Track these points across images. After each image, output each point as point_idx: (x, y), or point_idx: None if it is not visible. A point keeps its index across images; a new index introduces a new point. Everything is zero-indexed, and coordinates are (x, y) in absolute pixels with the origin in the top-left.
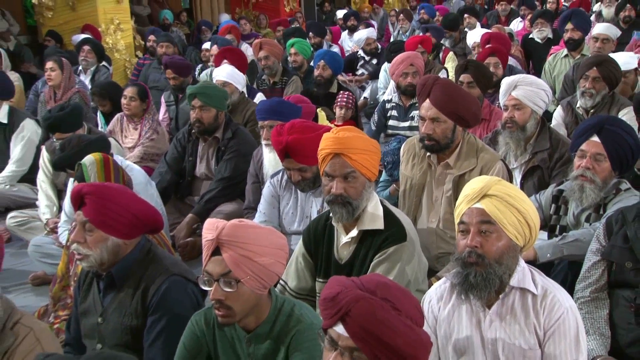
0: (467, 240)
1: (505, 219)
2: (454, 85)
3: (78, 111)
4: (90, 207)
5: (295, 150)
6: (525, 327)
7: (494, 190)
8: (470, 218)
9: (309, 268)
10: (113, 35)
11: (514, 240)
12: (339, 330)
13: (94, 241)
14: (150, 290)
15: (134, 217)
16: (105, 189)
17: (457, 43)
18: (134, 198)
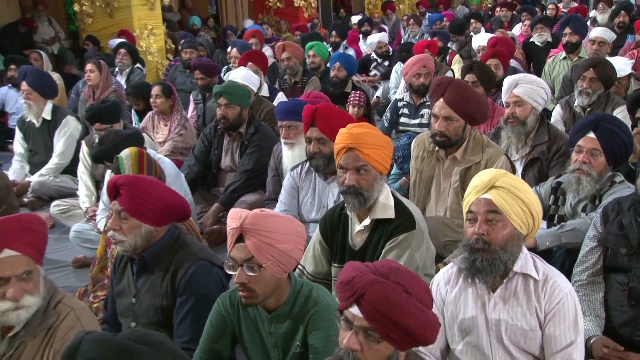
0: (474, 228)
1: (510, 209)
2: (467, 87)
3: (117, 106)
4: (124, 197)
5: (322, 116)
6: (527, 310)
7: (501, 182)
8: (478, 207)
9: (325, 254)
10: (146, 40)
11: (518, 229)
12: (354, 312)
13: (128, 228)
14: (178, 273)
15: (165, 206)
16: (139, 180)
17: (463, 46)
18: (164, 189)
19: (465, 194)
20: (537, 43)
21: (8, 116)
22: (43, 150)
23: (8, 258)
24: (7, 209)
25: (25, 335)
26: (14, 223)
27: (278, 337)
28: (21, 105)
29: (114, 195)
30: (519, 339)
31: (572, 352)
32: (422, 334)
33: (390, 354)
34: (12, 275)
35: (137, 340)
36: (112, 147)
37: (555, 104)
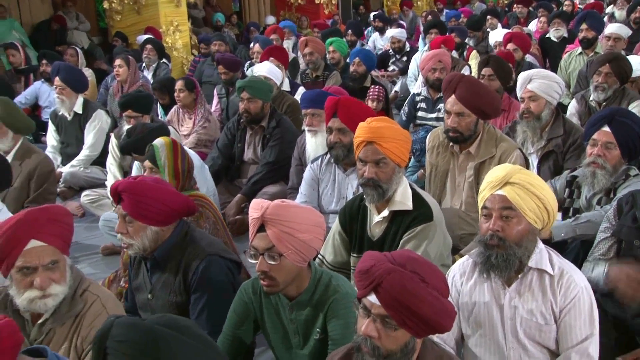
0: (489, 224)
1: (525, 205)
2: (477, 83)
3: (149, 98)
4: (127, 202)
5: (344, 108)
6: (542, 305)
7: (516, 179)
8: (493, 204)
9: (344, 244)
10: (172, 36)
11: (533, 224)
12: (372, 299)
13: (134, 231)
14: (190, 269)
15: (166, 206)
16: (138, 185)
17: (480, 42)
18: (165, 190)
19: (480, 189)
20: (553, 38)
21: (41, 109)
22: (74, 142)
23: (35, 248)
24: (43, 194)
25: (54, 322)
26: (40, 214)
27: (299, 324)
28: (53, 99)
29: (117, 201)
30: (534, 333)
31: (588, 346)
32: (438, 322)
33: (407, 340)
34: (39, 264)
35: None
36: (140, 139)
37: (571, 99)
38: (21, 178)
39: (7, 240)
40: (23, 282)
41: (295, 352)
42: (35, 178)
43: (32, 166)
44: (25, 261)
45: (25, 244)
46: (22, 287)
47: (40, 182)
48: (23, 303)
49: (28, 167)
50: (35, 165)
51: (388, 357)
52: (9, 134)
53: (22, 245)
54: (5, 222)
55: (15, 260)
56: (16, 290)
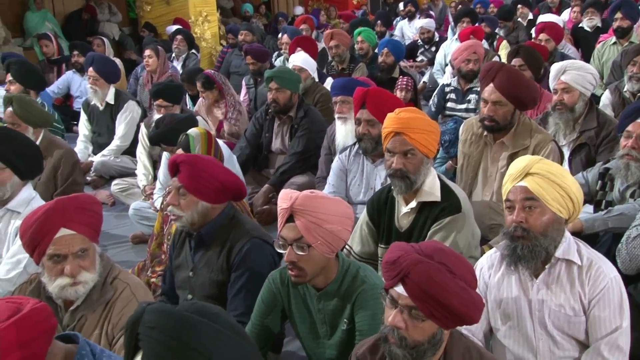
0: (513, 216)
1: (547, 195)
2: (517, 72)
3: (181, 88)
4: (184, 174)
5: (373, 99)
6: (570, 296)
7: (536, 169)
8: (515, 196)
9: (372, 235)
10: (201, 26)
11: (558, 213)
12: (399, 290)
13: (186, 204)
14: (234, 249)
15: (221, 184)
16: (198, 159)
17: (511, 32)
18: (222, 168)
19: (502, 182)
20: (587, 28)
21: (73, 99)
22: (105, 132)
23: (65, 237)
24: (71, 185)
25: (85, 309)
26: (69, 203)
27: (326, 314)
28: (84, 89)
29: (174, 172)
30: (563, 324)
31: (618, 337)
32: (465, 314)
33: (434, 332)
34: (69, 252)
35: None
36: (168, 130)
37: (604, 90)
38: (47, 172)
39: (38, 229)
40: (54, 270)
41: (323, 342)
42: (61, 171)
43: (57, 160)
44: (55, 249)
45: (55, 232)
46: (54, 275)
47: (67, 174)
48: (55, 290)
49: (52, 161)
50: (59, 158)
51: (415, 348)
52: (29, 130)
53: (53, 234)
54: (36, 210)
55: (47, 248)
56: (48, 277)
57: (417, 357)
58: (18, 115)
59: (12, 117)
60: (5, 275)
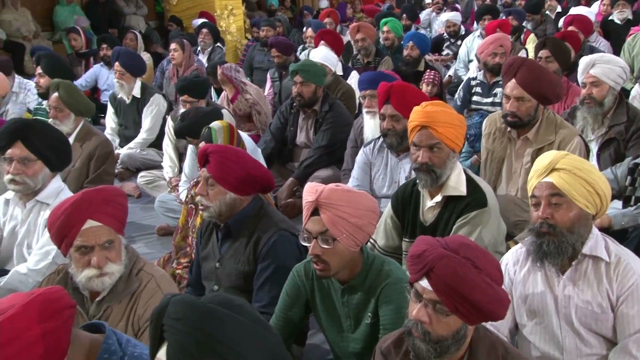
0: (539, 212)
1: (574, 190)
2: (539, 67)
3: (206, 83)
4: (213, 165)
5: (397, 94)
6: (598, 293)
7: (562, 164)
8: (541, 191)
9: (396, 229)
10: (226, 20)
11: (585, 209)
12: (423, 285)
13: (214, 195)
14: (261, 241)
15: (249, 175)
16: (227, 150)
17: (539, 25)
18: (250, 160)
19: (528, 178)
20: (617, 21)
21: (100, 92)
22: (132, 125)
23: (91, 228)
24: (102, 174)
25: (111, 300)
26: (96, 195)
27: (350, 308)
28: (112, 82)
29: (203, 163)
30: (590, 322)
31: None
32: (491, 310)
33: (458, 327)
34: (96, 244)
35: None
36: (193, 123)
37: (634, 83)
38: (82, 159)
39: (65, 221)
40: (81, 261)
41: (347, 336)
42: (95, 159)
43: (92, 147)
44: (82, 240)
45: (82, 224)
46: (80, 266)
47: (100, 163)
48: (81, 281)
49: (88, 149)
50: (95, 146)
51: (439, 342)
52: (71, 117)
53: (80, 225)
54: (63, 203)
55: (74, 239)
56: (75, 268)
57: (441, 352)
58: (63, 101)
59: (57, 102)
60: (34, 266)
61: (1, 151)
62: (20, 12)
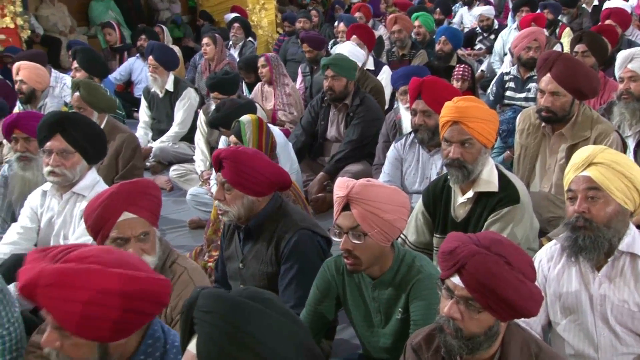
0: (575, 206)
1: (612, 185)
2: (576, 61)
3: (237, 79)
4: (227, 170)
5: (429, 89)
6: (634, 290)
7: (600, 158)
8: (578, 185)
9: (427, 224)
10: (258, 14)
11: (623, 205)
12: (455, 281)
13: (231, 199)
14: (282, 241)
15: (264, 177)
16: (240, 153)
17: (574, 19)
18: (264, 161)
19: (564, 172)
20: None
21: (134, 86)
22: (165, 118)
23: (127, 220)
24: (131, 169)
25: None
26: (131, 188)
27: (381, 303)
28: (145, 75)
29: (217, 168)
30: (626, 320)
31: None
32: (523, 306)
33: (491, 324)
34: (131, 235)
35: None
36: (228, 114)
37: None
38: (109, 156)
39: (101, 212)
40: None
41: (377, 331)
42: (122, 155)
43: (119, 144)
44: (118, 232)
45: (118, 216)
46: None
47: (127, 158)
48: None
49: (115, 145)
50: (121, 142)
51: (471, 339)
52: (94, 114)
53: (116, 217)
54: (99, 195)
55: (110, 231)
56: None
57: (473, 349)
58: (84, 100)
59: (78, 101)
60: None
61: (40, 144)
62: (57, 7)
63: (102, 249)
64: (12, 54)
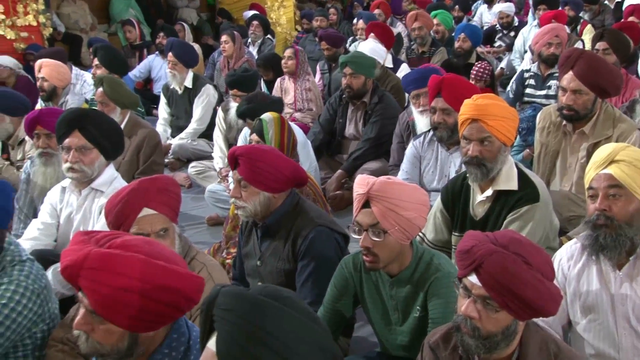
0: (596, 204)
1: (634, 183)
2: (598, 59)
3: (256, 76)
4: (243, 167)
5: (448, 87)
6: None
7: (622, 156)
8: (599, 183)
9: (445, 223)
10: (277, 12)
11: None
12: (472, 280)
13: (248, 196)
14: (299, 238)
15: (280, 174)
16: (255, 150)
17: (596, 15)
18: (280, 158)
19: (585, 170)
20: None
21: (153, 83)
22: (184, 115)
23: (147, 216)
24: (151, 165)
25: None
26: (151, 184)
27: (399, 301)
28: (164, 72)
29: (233, 165)
30: None
31: None
32: (541, 306)
33: (508, 323)
34: (151, 231)
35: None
36: (260, 107)
37: None
38: (130, 151)
39: (122, 208)
40: None
41: (394, 329)
42: (143, 150)
43: (140, 139)
44: (139, 228)
45: (138, 212)
46: None
47: (148, 154)
48: None
49: (136, 141)
50: (142, 138)
51: (488, 338)
52: (116, 110)
53: (136, 213)
54: (120, 191)
55: (130, 227)
56: None
57: (491, 348)
58: (108, 96)
59: (102, 97)
60: None
61: (59, 140)
62: (78, 5)
63: (145, 240)
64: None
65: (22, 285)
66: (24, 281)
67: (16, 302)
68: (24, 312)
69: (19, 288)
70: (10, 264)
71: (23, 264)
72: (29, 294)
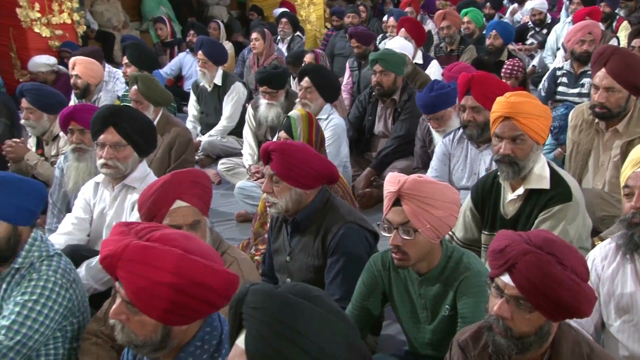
0: (632, 202)
1: None
2: (632, 55)
3: (286, 73)
4: (275, 162)
5: (478, 85)
6: None
7: None
8: (635, 181)
9: (475, 221)
10: (306, 9)
11: None
12: (505, 280)
13: (279, 191)
14: (329, 234)
15: (312, 170)
16: (288, 146)
17: (632, 12)
18: (313, 153)
19: (622, 168)
20: None
21: (184, 80)
22: (213, 112)
23: (180, 208)
24: (183, 162)
25: None
26: (183, 177)
27: (428, 299)
28: (195, 70)
29: (266, 161)
30: None
31: None
32: (576, 307)
33: (541, 324)
34: (184, 224)
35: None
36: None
37: None
38: (162, 149)
39: (155, 201)
40: None
41: (423, 327)
42: (175, 148)
43: (172, 137)
44: (171, 220)
45: (171, 204)
46: None
47: (180, 151)
48: None
49: (168, 138)
50: (175, 135)
51: (520, 339)
52: (150, 108)
53: (169, 205)
54: (153, 184)
55: (163, 219)
56: None
57: (523, 349)
58: (142, 93)
59: (136, 95)
60: None
61: (94, 137)
62: (111, 3)
63: (183, 235)
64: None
65: (51, 281)
66: (53, 276)
67: (46, 298)
68: (55, 307)
69: (47, 283)
70: (38, 259)
71: (51, 259)
72: (57, 288)
